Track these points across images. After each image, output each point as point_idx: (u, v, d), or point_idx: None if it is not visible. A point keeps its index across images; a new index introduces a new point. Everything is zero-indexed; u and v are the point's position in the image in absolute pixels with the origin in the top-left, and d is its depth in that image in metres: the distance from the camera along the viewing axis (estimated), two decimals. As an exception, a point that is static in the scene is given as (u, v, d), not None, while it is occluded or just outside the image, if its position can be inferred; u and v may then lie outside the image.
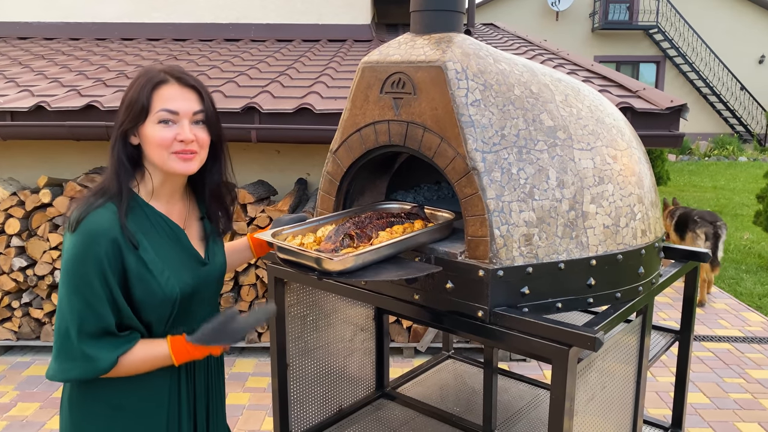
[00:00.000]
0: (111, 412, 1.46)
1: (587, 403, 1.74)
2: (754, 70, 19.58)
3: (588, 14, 19.71)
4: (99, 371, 1.36)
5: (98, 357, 1.35)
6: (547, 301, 1.69)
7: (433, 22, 1.86)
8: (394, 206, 2.02)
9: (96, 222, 1.35)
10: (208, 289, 1.56)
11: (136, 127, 1.40)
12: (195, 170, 1.45)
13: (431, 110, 1.72)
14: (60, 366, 1.37)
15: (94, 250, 1.33)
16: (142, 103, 1.38)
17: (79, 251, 1.34)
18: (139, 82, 1.41)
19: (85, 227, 1.35)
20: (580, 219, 1.69)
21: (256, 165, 4.49)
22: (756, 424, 3.29)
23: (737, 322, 4.86)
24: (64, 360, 1.37)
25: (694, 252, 2.32)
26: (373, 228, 1.76)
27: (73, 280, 1.34)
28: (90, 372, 1.35)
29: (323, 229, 1.82)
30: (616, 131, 1.87)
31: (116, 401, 1.46)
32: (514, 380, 2.98)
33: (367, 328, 2.73)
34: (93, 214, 1.36)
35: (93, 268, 1.33)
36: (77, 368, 1.36)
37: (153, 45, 6.26)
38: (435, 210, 1.91)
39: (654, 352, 2.36)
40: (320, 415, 2.55)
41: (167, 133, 1.38)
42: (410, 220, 1.84)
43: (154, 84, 1.39)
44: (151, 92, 1.38)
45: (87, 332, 1.34)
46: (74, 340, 1.34)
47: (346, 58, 5.51)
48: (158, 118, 1.38)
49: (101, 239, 1.34)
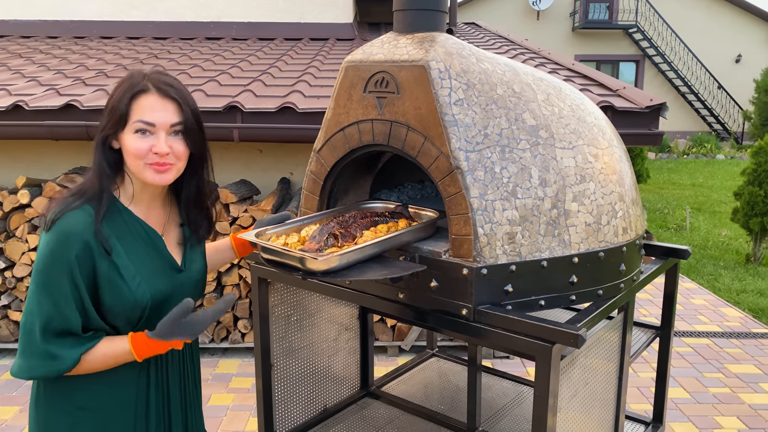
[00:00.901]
0: (77, 411, 1.45)
1: (570, 399, 1.76)
2: (731, 69, 19.88)
3: (568, 13, 19.87)
4: (62, 370, 1.36)
5: (61, 356, 1.35)
6: (530, 299, 1.70)
7: (416, 22, 1.87)
8: (378, 205, 2.02)
9: (70, 223, 1.35)
10: (184, 295, 1.54)
11: (116, 134, 1.40)
12: (170, 181, 1.44)
13: (415, 109, 1.73)
14: (24, 363, 1.37)
15: (66, 251, 1.34)
16: (122, 111, 1.37)
17: (51, 251, 1.34)
18: (121, 88, 1.40)
19: (59, 228, 1.35)
20: (562, 217, 1.71)
21: (238, 164, 4.46)
22: (735, 417, 3.35)
23: (716, 317, 4.93)
24: (28, 357, 1.37)
25: (674, 249, 2.35)
26: (358, 227, 1.76)
27: (43, 279, 1.34)
28: (53, 370, 1.36)
29: (307, 228, 1.82)
30: (597, 130, 1.89)
31: (82, 401, 1.45)
32: (497, 377, 3.00)
33: (352, 327, 2.73)
34: (68, 215, 1.36)
35: (63, 268, 1.34)
36: (41, 366, 1.36)
37: (133, 43, 6.20)
38: (419, 209, 1.92)
39: (635, 348, 2.39)
40: (305, 415, 2.54)
41: (143, 144, 1.37)
42: (394, 219, 1.85)
43: (134, 93, 1.38)
44: (131, 101, 1.37)
45: (52, 331, 1.35)
46: (38, 339, 1.35)
47: (329, 57, 5.50)
48: (135, 128, 1.37)
49: (73, 241, 1.34)
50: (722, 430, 3.21)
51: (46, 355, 1.35)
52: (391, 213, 1.88)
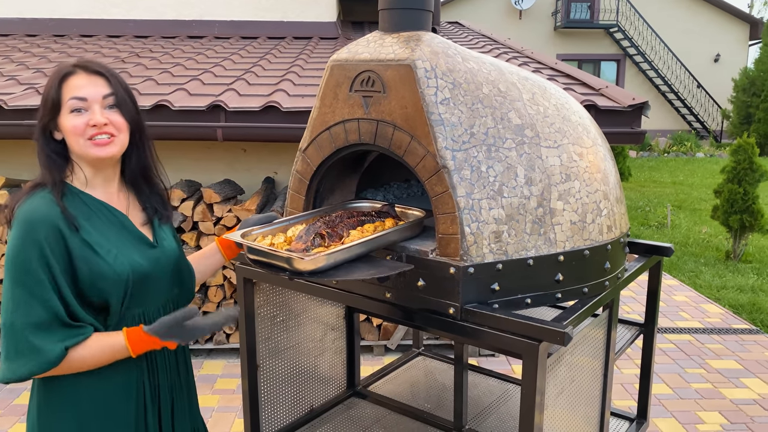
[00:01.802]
0: (78, 415, 1.43)
1: (557, 396, 1.77)
2: (710, 68, 20.15)
3: (550, 13, 20.01)
4: (47, 363, 1.32)
5: (44, 348, 1.32)
6: (516, 297, 1.71)
7: (401, 21, 1.86)
8: (365, 205, 2.02)
9: (32, 210, 1.35)
10: (164, 273, 1.55)
11: (53, 121, 1.42)
12: (115, 154, 1.46)
13: (401, 108, 1.73)
14: (8, 365, 1.34)
15: (33, 236, 1.33)
16: (53, 96, 1.41)
17: (19, 241, 1.33)
18: (51, 78, 1.44)
19: (23, 216, 1.35)
20: (547, 216, 1.72)
21: (221, 164, 4.43)
22: (717, 412, 3.40)
23: (697, 314, 5.00)
24: (12, 358, 1.34)
25: (657, 247, 2.38)
26: (344, 227, 1.75)
27: (16, 271, 1.33)
28: (38, 366, 1.32)
29: (293, 228, 1.81)
30: (581, 129, 1.90)
31: (83, 405, 1.43)
32: (483, 375, 3.01)
33: (338, 327, 2.72)
34: (28, 203, 1.36)
35: (34, 255, 1.32)
36: (25, 363, 1.33)
37: (114, 42, 6.13)
38: (405, 208, 1.92)
39: (620, 345, 2.41)
40: (291, 415, 2.53)
41: (79, 120, 1.41)
42: (381, 218, 1.84)
43: (62, 76, 1.42)
44: (60, 85, 1.41)
45: (33, 323, 1.32)
46: (20, 333, 1.32)
47: (312, 56, 5.48)
48: (69, 107, 1.41)
49: (39, 226, 1.33)
50: (704, 425, 3.26)
51: (30, 350, 1.32)
52: (378, 212, 1.87)
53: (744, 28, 20.14)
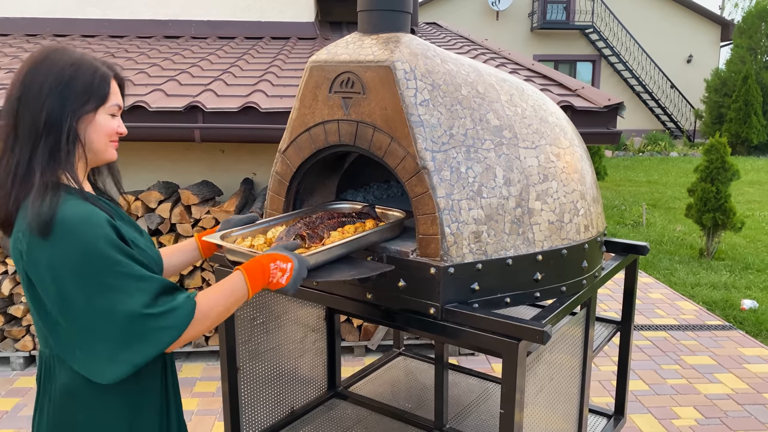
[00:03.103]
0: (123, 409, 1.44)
1: (536, 394, 1.79)
2: (683, 69, 20.49)
3: (527, 14, 20.17)
4: (187, 316, 1.26)
5: (175, 306, 1.26)
6: (496, 297, 1.73)
7: (380, 22, 1.87)
8: (345, 206, 2.02)
9: (76, 210, 1.28)
10: (158, 257, 1.56)
11: (94, 113, 1.38)
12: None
13: (381, 110, 1.73)
14: (127, 353, 1.25)
15: (96, 233, 1.27)
16: (105, 92, 1.39)
17: (83, 242, 1.25)
18: (95, 72, 1.39)
19: (71, 220, 1.26)
20: (526, 216, 1.74)
21: (199, 165, 4.40)
22: (692, 408, 3.46)
23: (672, 311, 5.08)
24: (131, 343, 1.24)
25: (633, 246, 2.41)
26: (325, 228, 1.75)
27: (94, 273, 1.24)
28: (180, 323, 1.25)
29: (273, 230, 1.80)
30: (558, 130, 1.93)
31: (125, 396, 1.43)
32: (463, 375, 3.03)
33: (318, 328, 2.72)
34: (65, 208, 1.28)
35: (106, 247, 1.26)
36: (163, 331, 1.25)
37: (88, 42, 6.04)
38: (386, 209, 1.92)
39: (598, 342, 2.45)
40: (272, 417, 2.52)
41: (113, 123, 1.43)
42: (361, 219, 1.85)
43: (111, 77, 1.42)
44: (110, 84, 1.41)
45: (144, 301, 1.25)
46: (141, 311, 1.23)
47: (291, 56, 5.46)
48: (110, 110, 1.42)
49: (95, 216, 1.29)
50: (680, 420, 3.32)
51: (161, 316, 1.25)
52: (358, 213, 1.88)
53: (715, 30, 20.52)
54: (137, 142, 4.03)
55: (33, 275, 1.29)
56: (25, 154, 1.32)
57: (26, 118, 1.32)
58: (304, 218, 1.79)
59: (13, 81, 1.36)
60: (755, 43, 17.54)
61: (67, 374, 1.37)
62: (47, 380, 1.42)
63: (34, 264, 1.28)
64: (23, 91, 1.33)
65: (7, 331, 3.74)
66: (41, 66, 1.35)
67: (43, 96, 1.32)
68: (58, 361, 1.38)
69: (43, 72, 1.34)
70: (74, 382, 1.37)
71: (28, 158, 1.31)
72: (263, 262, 1.41)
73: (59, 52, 1.38)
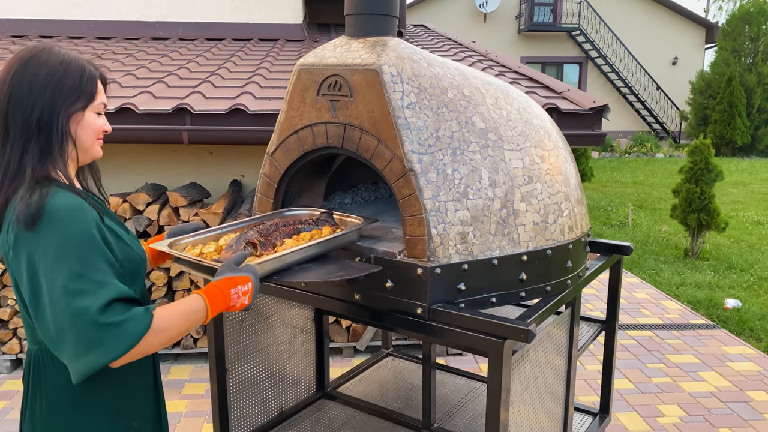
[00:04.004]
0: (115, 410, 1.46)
1: (522, 393, 1.82)
2: (668, 71, 20.69)
3: (514, 16, 20.28)
4: (141, 330, 1.24)
5: (131, 316, 1.24)
6: (482, 296, 1.75)
7: (367, 26, 1.89)
8: (303, 212, 1.99)
9: (64, 201, 1.30)
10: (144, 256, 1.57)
11: (83, 111, 1.40)
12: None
13: (368, 113, 1.76)
14: (88, 358, 1.22)
15: (80, 225, 1.28)
16: (91, 90, 1.42)
17: (66, 231, 1.26)
18: (82, 72, 1.41)
19: (61, 209, 1.28)
20: (511, 217, 1.77)
21: (187, 167, 4.39)
22: (676, 405, 3.51)
23: (657, 310, 5.14)
24: (90, 347, 1.22)
25: (617, 246, 2.45)
26: (279, 236, 1.72)
27: (71, 259, 1.24)
28: (131, 336, 1.23)
29: (226, 237, 1.78)
30: (543, 132, 1.96)
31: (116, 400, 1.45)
32: (451, 374, 3.06)
33: (307, 329, 2.73)
34: (55, 197, 1.29)
35: (88, 240, 1.28)
36: (116, 339, 1.22)
37: (75, 43, 6.02)
38: (344, 215, 1.90)
39: (583, 341, 2.48)
40: (261, 418, 2.54)
41: (100, 122, 1.47)
42: (318, 226, 1.82)
43: (97, 76, 1.46)
44: (96, 83, 1.45)
45: (104, 303, 1.23)
46: (91, 318, 1.21)
47: (279, 58, 5.48)
48: (96, 109, 1.45)
49: (82, 214, 1.30)
50: (664, 418, 3.36)
51: (113, 326, 1.22)
52: (315, 220, 1.84)
53: (700, 32, 20.75)
54: (125, 144, 4.02)
55: (14, 267, 1.31)
56: (16, 153, 1.33)
57: (17, 118, 1.34)
58: (257, 225, 1.76)
59: (0, 81, 1.37)
60: (739, 46, 17.75)
61: (59, 369, 1.38)
62: (36, 377, 1.41)
63: (17, 258, 1.29)
64: (12, 92, 1.35)
65: (-6, 334, 3.73)
66: (29, 66, 1.36)
67: (33, 96, 1.34)
68: (48, 356, 1.39)
69: (30, 72, 1.35)
70: (66, 377, 1.37)
71: (19, 156, 1.33)
72: (223, 288, 1.40)
73: (46, 52, 1.39)
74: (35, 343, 1.41)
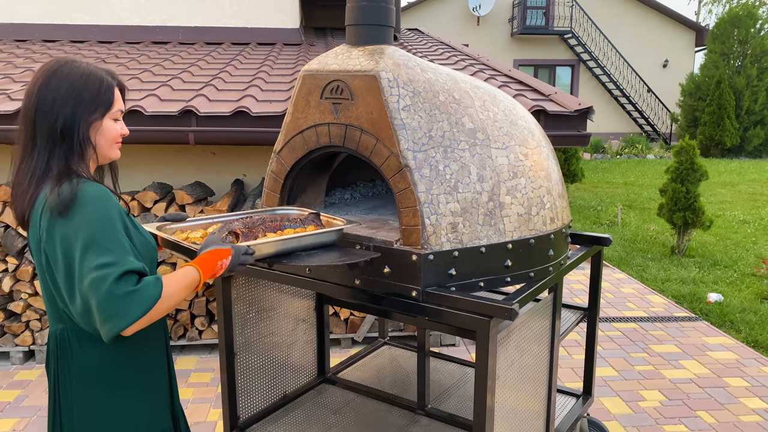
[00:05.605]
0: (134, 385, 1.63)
1: (507, 369, 2.00)
2: (659, 73, 20.96)
3: (507, 19, 20.51)
4: (154, 296, 1.40)
5: (143, 286, 1.40)
6: (471, 281, 1.94)
7: (366, 35, 2.08)
8: (294, 211, 2.14)
9: (97, 189, 1.48)
10: (154, 249, 1.73)
11: (101, 119, 1.56)
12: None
13: (367, 114, 1.94)
14: (117, 320, 1.37)
15: (110, 209, 1.46)
16: (109, 99, 1.58)
17: (98, 211, 1.44)
18: (100, 81, 1.57)
19: (92, 195, 1.45)
20: (497, 209, 1.95)
21: (192, 166, 4.56)
22: (657, 391, 3.70)
23: (643, 304, 5.34)
24: (116, 311, 1.37)
25: (597, 237, 2.65)
26: (265, 229, 1.87)
27: (99, 235, 1.41)
28: (146, 301, 1.39)
29: (214, 226, 1.96)
30: (527, 132, 2.15)
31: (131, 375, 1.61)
32: (444, 361, 3.24)
33: (308, 319, 2.91)
34: (86, 187, 1.47)
35: (117, 219, 1.46)
36: (133, 306, 1.37)
37: (78, 47, 6.17)
38: (331, 218, 2.04)
39: (566, 326, 2.67)
40: (265, 401, 2.71)
41: (117, 127, 1.63)
42: (304, 225, 1.96)
43: (114, 85, 1.61)
44: (113, 91, 1.61)
45: (124, 272, 1.39)
46: (111, 288, 1.36)
47: (278, 62, 5.65)
48: (114, 115, 1.61)
49: (111, 200, 1.49)
50: (645, 402, 3.55)
51: (128, 294, 1.38)
52: (302, 219, 1.98)
53: (690, 35, 21.03)
54: (133, 145, 4.18)
55: (49, 250, 1.47)
56: (43, 158, 1.51)
57: (43, 128, 1.51)
58: (245, 218, 1.91)
59: (27, 92, 1.55)
60: (728, 49, 18.02)
61: (83, 345, 1.55)
62: (63, 355, 1.56)
63: (51, 242, 1.46)
64: (38, 103, 1.52)
65: (7, 327, 3.88)
66: (52, 80, 1.53)
67: (57, 107, 1.51)
68: (73, 334, 1.55)
69: (53, 86, 1.52)
70: (88, 352, 1.55)
71: (46, 161, 1.51)
72: (212, 259, 1.57)
73: (68, 66, 1.56)
74: (60, 322, 1.56)
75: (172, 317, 4.06)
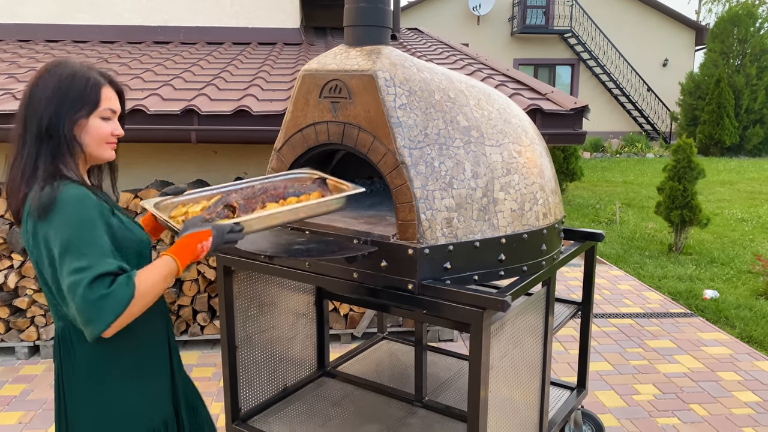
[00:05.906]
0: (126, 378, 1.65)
1: (501, 359, 2.06)
2: (659, 72, 21.01)
3: (507, 18, 20.56)
4: (128, 296, 1.41)
5: (117, 286, 1.41)
6: (465, 275, 2.00)
7: (364, 36, 2.14)
8: (304, 174, 2.11)
9: (77, 191, 1.49)
10: (149, 245, 1.74)
11: (86, 118, 1.58)
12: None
13: (365, 112, 2.00)
14: (96, 324, 1.40)
15: (89, 210, 1.47)
16: (94, 98, 1.59)
17: (76, 212, 1.45)
18: (85, 80, 1.59)
19: (71, 197, 1.47)
20: (491, 204, 2.01)
21: (193, 165, 4.63)
22: (651, 384, 3.76)
23: (639, 300, 5.40)
24: (96, 312, 1.39)
25: (590, 233, 2.71)
26: (266, 199, 1.83)
27: (76, 237, 1.43)
28: (119, 303, 1.40)
29: (216, 198, 1.90)
30: (521, 130, 2.21)
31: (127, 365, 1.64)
32: (441, 355, 3.30)
33: (308, 314, 2.97)
34: (65, 189, 1.48)
35: (97, 219, 1.48)
36: (106, 309, 1.39)
37: (80, 47, 6.23)
38: (338, 182, 1.99)
39: (560, 320, 2.73)
40: (266, 394, 2.77)
41: (108, 127, 1.63)
42: (308, 191, 1.91)
43: (101, 85, 1.62)
44: (99, 90, 1.61)
45: (99, 273, 1.41)
46: (84, 293, 1.38)
47: (278, 62, 5.71)
48: (102, 114, 1.61)
49: (90, 201, 1.50)
50: (640, 396, 3.61)
51: (101, 298, 1.39)
52: (309, 186, 1.94)
53: (690, 35, 21.07)
54: (134, 144, 4.25)
55: (36, 254, 1.52)
56: (31, 156, 1.55)
57: (32, 126, 1.55)
58: (245, 189, 1.87)
59: (23, 92, 1.60)
60: (727, 48, 18.06)
61: (82, 341, 1.59)
62: (66, 351, 1.62)
63: (36, 244, 1.50)
64: (29, 102, 1.57)
65: (13, 322, 3.95)
66: (42, 79, 1.57)
67: (42, 106, 1.55)
68: (73, 331, 1.60)
69: (42, 85, 1.57)
70: (89, 348, 1.60)
71: (34, 159, 1.54)
72: (189, 244, 1.56)
73: (61, 66, 1.60)
74: (60, 320, 1.61)
75: (175, 313, 4.13)
